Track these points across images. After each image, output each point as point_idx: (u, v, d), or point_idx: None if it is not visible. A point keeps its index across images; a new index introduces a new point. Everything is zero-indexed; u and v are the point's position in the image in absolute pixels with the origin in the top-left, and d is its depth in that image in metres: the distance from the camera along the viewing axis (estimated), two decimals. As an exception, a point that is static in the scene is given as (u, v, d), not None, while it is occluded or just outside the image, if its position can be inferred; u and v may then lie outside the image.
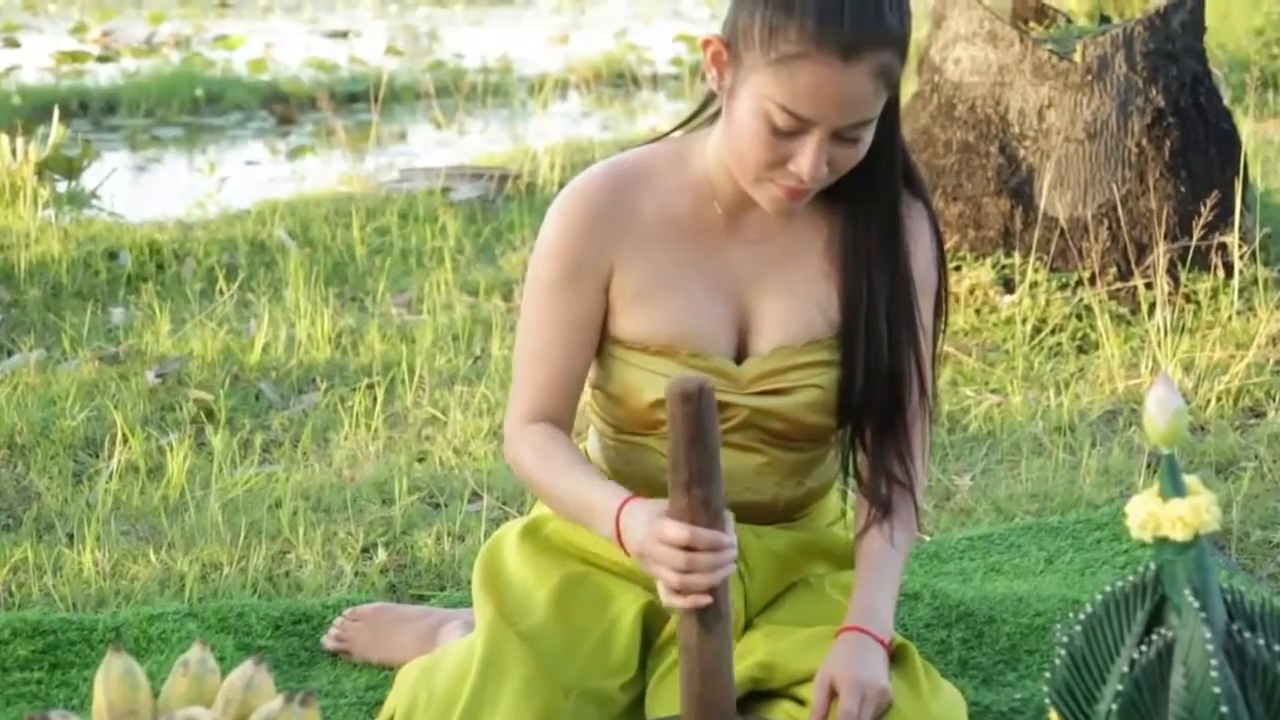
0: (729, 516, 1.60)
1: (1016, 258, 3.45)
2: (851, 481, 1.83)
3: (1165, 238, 3.42)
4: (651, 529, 1.60)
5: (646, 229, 1.76)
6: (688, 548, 1.57)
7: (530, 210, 4.37)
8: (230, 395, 3.05)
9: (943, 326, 1.81)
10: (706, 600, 1.58)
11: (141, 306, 3.57)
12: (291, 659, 2.15)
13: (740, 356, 1.79)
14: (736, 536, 1.60)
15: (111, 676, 1.37)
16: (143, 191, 5.37)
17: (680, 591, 1.58)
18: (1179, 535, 1.43)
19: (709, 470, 1.56)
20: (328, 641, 2.17)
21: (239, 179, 5.28)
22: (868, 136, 1.68)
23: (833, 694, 1.66)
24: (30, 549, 2.41)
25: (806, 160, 1.65)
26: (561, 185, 4.46)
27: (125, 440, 2.80)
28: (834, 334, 1.77)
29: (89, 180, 4.37)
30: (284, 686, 2.00)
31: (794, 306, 1.78)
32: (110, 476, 2.68)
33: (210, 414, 2.99)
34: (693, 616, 1.59)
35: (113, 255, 3.87)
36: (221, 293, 3.62)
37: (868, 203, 1.74)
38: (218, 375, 3.14)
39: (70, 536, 2.49)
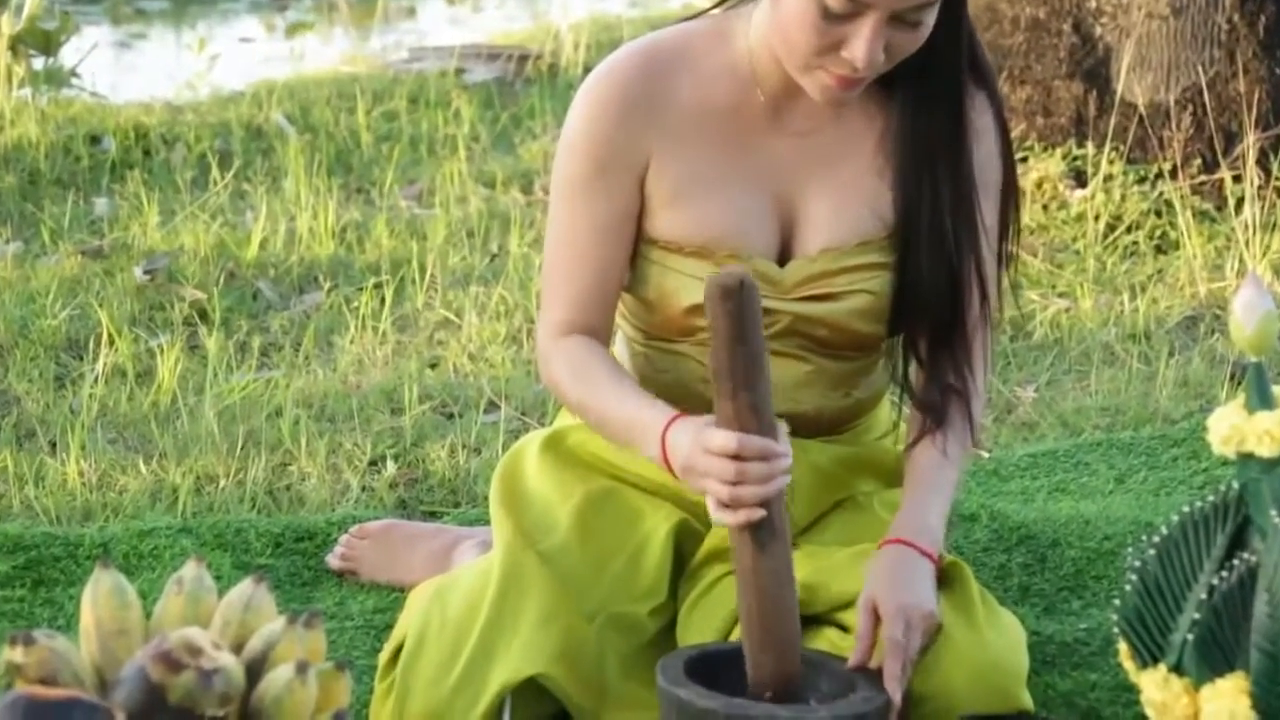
0: (782, 425, 1.60)
1: (1089, 148, 3.42)
2: (903, 394, 1.83)
3: (1256, 125, 3.38)
4: (697, 439, 1.61)
5: (683, 118, 1.75)
6: (736, 456, 1.57)
7: (552, 95, 4.34)
8: (225, 294, 3.06)
9: (1012, 226, 1.80)
10: (760, 514, 1.58)
11: (127, 196, 3.57)
12: (294, 579, 2.17)
13: (784, 259, 1.78)
14: (789, 444, 1.60)
15: (99, 594, 1.38)
16: (127, 70, 5.35)
17: (730, 505, 1.59)
18: (1265, 451, 1.42)
19: (756, 373, 1.56)
20: (333, 561, 2.19)
21: (232, 57, 5.25)
22: (930, 19, 1.65)
23: (877, 618, 1.67)
24: (10, 458, 2.43)
25: (861, 47, 1.63)
26: (587, 68, 4.42)
27: (111, 342, 2.81)
28: (887, 235, 1.77)
29: (68, 57, 4.36)
30: (286, 608, 2.03)
31: (843, 204, 1.76)
32: (95, 380, 2.70)
33: (203, 314, 3.00)
34: (745, 534, 1.59)
35: (95, 140, 3.87)
36: (215, 182, 3.62)
37: (928, 91, 1.72)
38: (211, 272, 3.15)
39: (53, 445, 2.51)
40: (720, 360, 1.56)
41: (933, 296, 1.75)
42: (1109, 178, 3.38)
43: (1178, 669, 1.47)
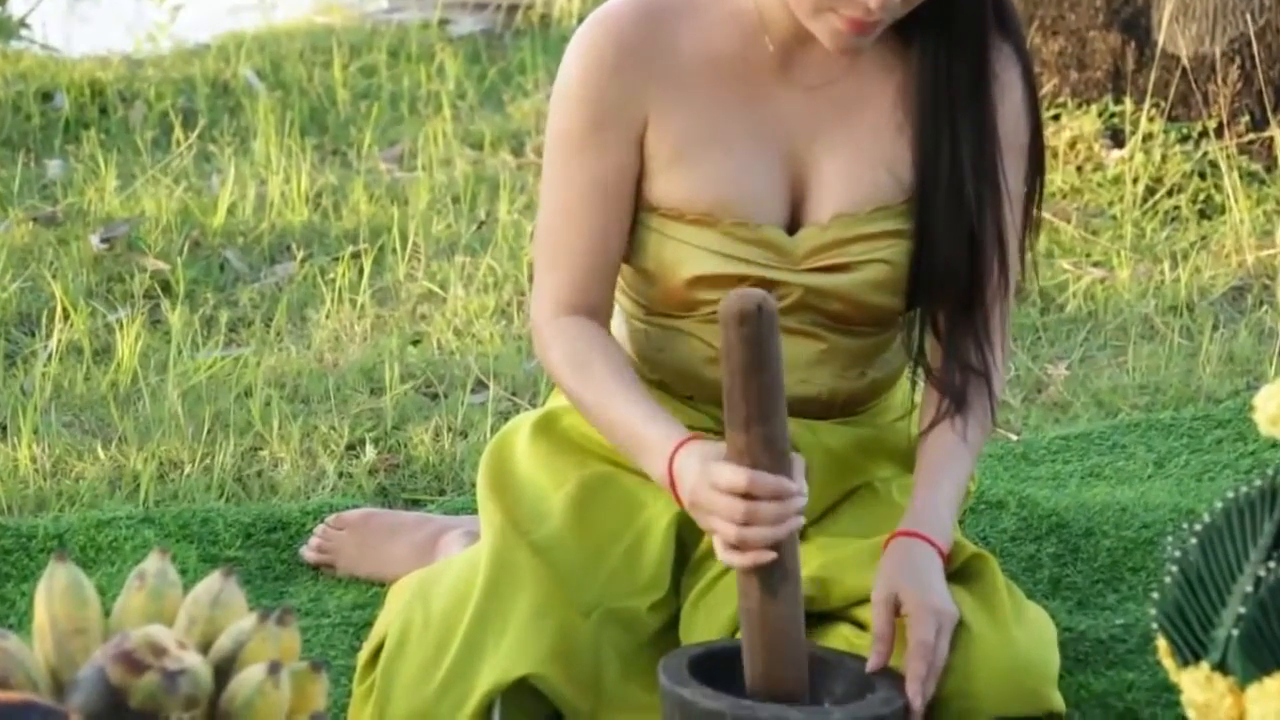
0: (798, 460, 1.60)
1: (1128, 104, 3.41)
2: (920, 372, 1.83)
3: (1308, 80, 3.37)
4: (704, 473, 1.61)
5: (686, 71, 1.75)
6: (747, 495, 1.57)
7: (545, 48, 4.33)
8: (190, 264, 3.06)
9: (1039, 190, 1.80)
10: (770, 556, 1.58)
11: (83, 158, 3.57)
12: (265, 572, 2.17)
13: (794, 226, 1.78)
14: (805, 481, 1.61)
15: (55, 590, 1.39)
16: (81, 21, 5.34)
17: (738, 547, 1.59)
18: (1317, 432, 1.42)
19: (771, 404, 1.56)
20: (308, 553, 2.20)
21: (196, 7, 5.24)
22: (950, -44, 1.65)
23: (896, 613, 1.67)
24: (-43, 443, 2.44)
25: (875, -17, 1.63)
26: (582, 18, 4.41)
27: (66, 316, 2.81)
28: (905, 199, 1.77)
29: (16, 6, 4.35)
30: (257, 603, 2.03)
31: (858, 165, 1.76)
32: (49, 359, 2.70)
33: (166, 286, 3.00)
34: (754, 577, 1.59)
35: (47, 97, 3.86)
36: (178, 143, 3.62)
37: (949, 41, 1.72)
38: (174, 241, 3.15)
39: (3, 429, 2.52)
40: (733, 388, 1.55)
41: (951, 266, 1.75)
42: (1149, 137, 3.38)
43: (1221, 667, 1.47)
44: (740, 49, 1.76)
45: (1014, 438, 2.52)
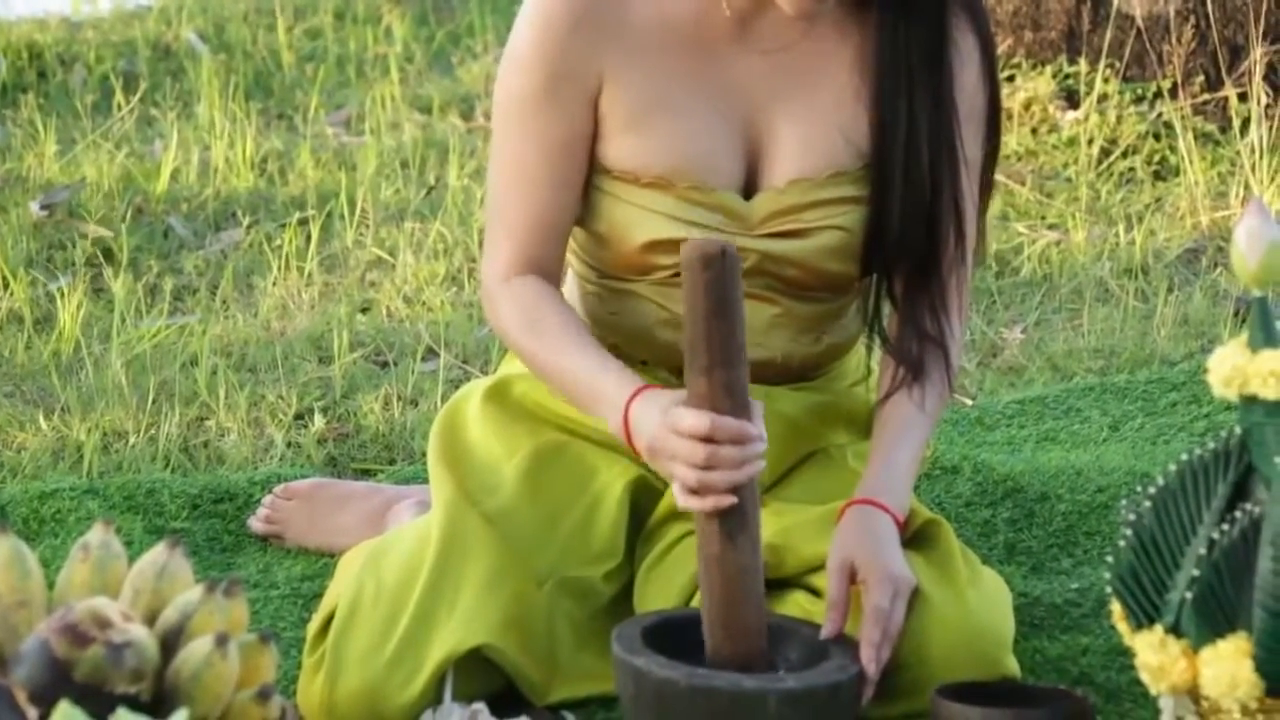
0: (758, 405, 1.61)
1: (1082, 65, 3.42)
2: (876, 338, 1.84)
3: (1264, 38, 3.39)
4: (665, 419, 1.61)
5: (640, 34, 1.75)
6: (708, 439, 1.58)
7: (495, 9, 4.31)
8: (133, 231, 3.04)
9: (995, 156, 1.81)
10: (730, 501, 1.59)
11: (20, 123, 3.53)
12: (212, 544, 2.17)
13: (750, 191, 1.79)
14: (764, 427, 1.61)
15: (-3, 562, 1.38)
16: (20, -16, 5.27)
17: (698, 491, 1.59)
18: (1270, 393, 1.44)
19: (733, 349, 1.57)
20: (256, 523, 2.19)
21: (137, -32, 5.19)
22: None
23: (850, 582, 1.68)
24: (-104, 415, 2.42)
25: (833, -57, 1.63)
26: (531, -23, 4.39)
27: (6, 285, 2.79)
28: (862, 165, 1.77)
29: (-47, -30, 4.30)
30: (204, 575, 2.03)
31: (815, 131, 1.77)
32: (-10, 329, 2.68)
33: (109, 254, 2.98)
34: (714, 522, 1.60)
35: (-16, 62, 3.82)
36: (119, 107, 3.59)
37: (907, 5, 1.73)
38: (117, 207, 3.12)
39: (-56, 400, 2.50)
40: (695, 333, 1.56)
41: (908, 232, 1.76)
42: (1103, 97, 3.39)
43: (1175, 630, 1.49)
44: (696, 12, 1.76)
45: (969, 402, 2.53)
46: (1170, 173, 3.31)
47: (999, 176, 3.23)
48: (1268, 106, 3.34)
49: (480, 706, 1.67)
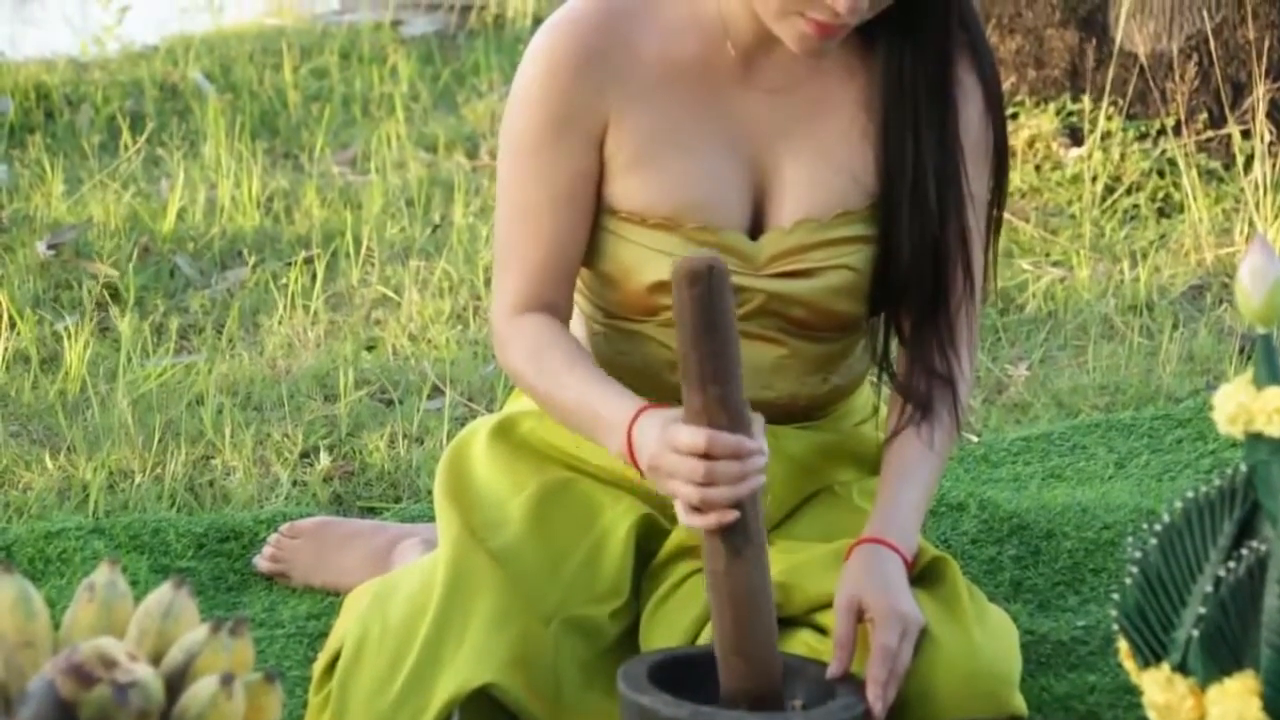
0: (757, 419, 1.61)
1: (1085, 102, 3.43)
2: (884, 376, 1.84)
3: (1266, 76, 3.40)
4: (663, 437, 1.61)
5: (646, 75, 1.75)
6: (706, 455, 1.58)
7: (499, 49, 4.33)
8: (139, 271, 3.05)
9: (1002, 194, 1.81)
10: (733, 516, 1.59)
11: (28, 163, 3.55)
12: (218, 583, 2.17)
13: (756, 231, 1.79)
14: (765, 440, 1.61)
15: (3, 603, 1.38)
16: (26, 24, 5.30)
17: (700, 509, 1.59)
18: (1275, 430, 1.44)
19: (726, 364, 1.57)
20: (261, 562, 2.19)
21: (144, 8, 5.21)
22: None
23: (858, 621, 1.68)
24: (-97, 455, 2.42)
25: (844, -12, 1.63)
26: (537, 20, 4.41)
27: (13, 325, 2.80)
28: (869, 204, 1.77)
29: (-39, 11, 4.32)
30: (210, 614, 2.02)
31: (822, 170, 1.77)
32: (-3, 368, 2.69)
33: (115, 293, 2.99)
34: (717, 538, 1.60)
35: (-8, 102, 3.84)
36: (126, 147, 3.60)
37: (913, 44, 1.73)
38: (123, 247, 3.13)
39: (-50, 440, 2.50)
40: (687, 350, 1.56)
41: (915, 271, 1.76)
42: (1107, 135, 3.40)
43: (1182, 668, 1.49)
44: (702, 52, 1.76)
45: (974, 439, 2.53)
46: (1174, 209, 3.32)
47: (1004, 214, 3.24)
48: (1271, 143, 3.35)
49: (486, 746, 1.66)
